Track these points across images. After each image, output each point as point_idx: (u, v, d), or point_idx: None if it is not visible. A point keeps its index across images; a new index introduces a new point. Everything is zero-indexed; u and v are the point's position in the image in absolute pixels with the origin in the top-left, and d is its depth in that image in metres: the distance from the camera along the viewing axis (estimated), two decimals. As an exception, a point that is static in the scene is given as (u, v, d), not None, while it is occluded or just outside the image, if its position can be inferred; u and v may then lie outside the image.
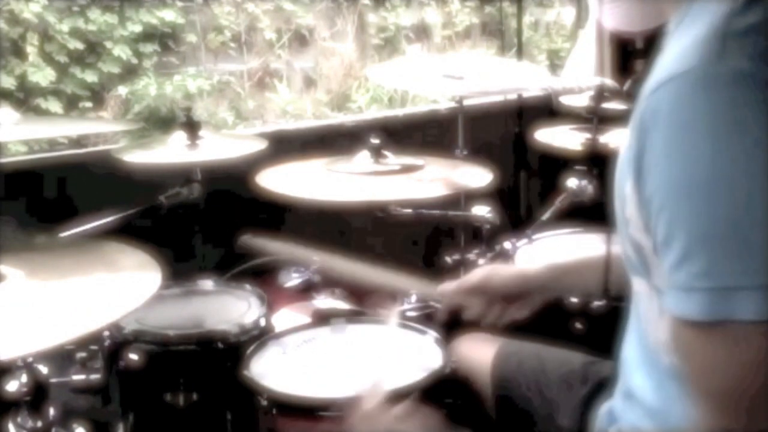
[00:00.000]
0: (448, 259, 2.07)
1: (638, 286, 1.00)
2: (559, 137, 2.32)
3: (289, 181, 1.79)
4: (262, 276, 2.00)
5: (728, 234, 0.78)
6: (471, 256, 2.03)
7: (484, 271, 1.41)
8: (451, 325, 1.54)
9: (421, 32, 6.03)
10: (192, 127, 1.92)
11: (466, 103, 2.19)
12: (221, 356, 1.62)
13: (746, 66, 0.81)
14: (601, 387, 1.23)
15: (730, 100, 0.80)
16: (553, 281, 1.40)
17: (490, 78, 2.11)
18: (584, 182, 2.04)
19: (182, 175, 1.95)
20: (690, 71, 0.82)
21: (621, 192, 0.93)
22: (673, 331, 0.86)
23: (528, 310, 1.40)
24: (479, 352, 1.46)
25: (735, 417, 0.81)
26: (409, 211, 1.95)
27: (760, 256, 0.77)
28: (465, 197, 1.98)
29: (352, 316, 1.66)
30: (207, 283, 1.90)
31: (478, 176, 1.84)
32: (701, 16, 0.88)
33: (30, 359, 1.31)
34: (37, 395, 1.32)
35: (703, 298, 0.80)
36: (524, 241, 2.05)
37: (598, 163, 2.07)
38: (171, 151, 1.91)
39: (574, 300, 1.74)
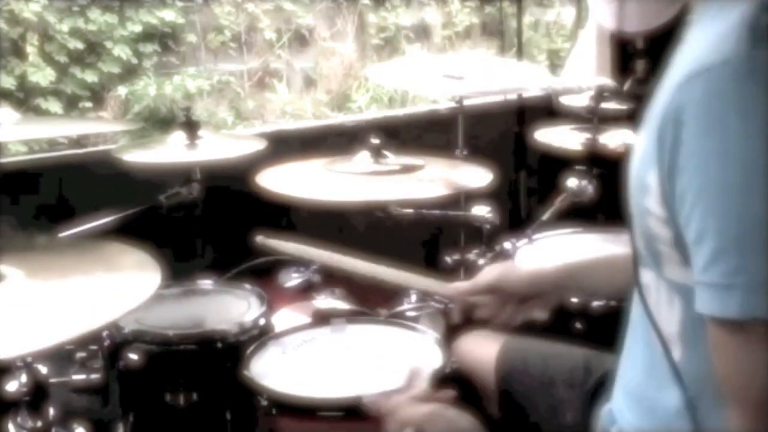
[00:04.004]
0: (448, 259, 2.07)
1: (645, 278, 0.99)
2: (559, 137, 2.32)
3: (289, 181, 1.79)
4: (262, 276, 2.00)
5: (764, 230, 0.77)
6: (471, 256, 2.03)
7: (497, 270, 1.37)
8: (453, 323, 1.54)
9: (421, 32, 6.03)
10: (191, 127, 1.92)
11: (466, 103, 2.19)
12: (221, 356, 1.62)
13: None
14: (604, 382, 1.22)
15: (764, 92, 0.78)
16: (569, 280, 1.36)
17: (490, 78, 2.11)
18: (584, 182, 2.04)
19: (182, 175, 1.95)
20: (721, 63, 0.81)
21: (641, 182, 0.90)
22: (709, 331, 0.84)
23: (546, 312, 1.36)
24: (483, 349, 1.45)
25: None
26: (409, 211, 1.95)
27: None
28: (465, 197, 1.98)
29: (352, 316, 1.66)
30: (207, 283, 1.90)
31: (478, 176, 1.84)
32: (727, 9, 0.86)
33: (30, 359, 1.31)
34: (37, 395, 1.32)
35: (739, 295, 0.78)
36: (524, 241, 2.05)
37: (598, 163, 2.07)
38: (170, 151, 1.90)
39: (574, 300, 1.73)
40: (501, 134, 2.62)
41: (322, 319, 1.68)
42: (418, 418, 1.07)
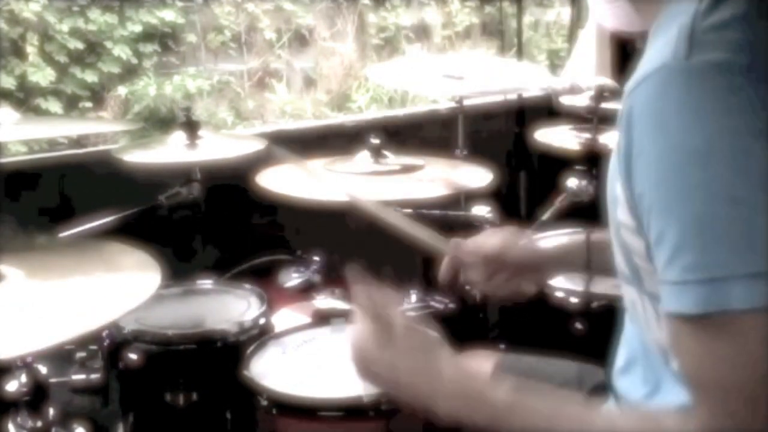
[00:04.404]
0: (448, 259, 2.07)
1: (629, 295, 1.00)
2: (559, 137, 2.32)
3: (289, 181, 1.79)
4: (262, 276, 2.00)
5: (717, 224, 0.78)
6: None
7: (501, 237, 1.35)
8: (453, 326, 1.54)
9: (421, 32, 6.03)
10: (192, 127, 1.92)
11: (466, 103, 2.19)
12: (221, 356, 1.62)
13: (718, 57, 0.81)
14: (595, 392, 1.23)
15: (702, 92, 0.80)
16: (566, 259, 1.36)
17: (490, 78, 2.11)
18: (584, 182, 2.04)
19: (182, 174, 1.95)
20: (662, 67, 0.83)
21: (612, 194, 0.93)
22: (670, 328, 0.85)
23: (534, 287, 1.37)
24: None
25: (735, 412, 0.80)
26: (409, 211, 1.95)
27: (751, 243, 0.77)
28: (465, 197, 1.98)
29: (352, 316, 1.66)
30: (207, 283, 1.90)
31: (478, 176, 1.84)
32: (673, 19, 0.88)
33: (30, 359, 1.31)
34: (37, 395, 1.32)
35: (697, 291, 0.79)
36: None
37: (598, 163, 2.07)
38: (171, 151, 1.91)
39: (574, 300, 1.74)
40: (501, 134, 2.62)
41: (322, 319, 1.68)
42: (391, 327, 1.04)
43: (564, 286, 1.77)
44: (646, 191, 0.84)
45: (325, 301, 1.87)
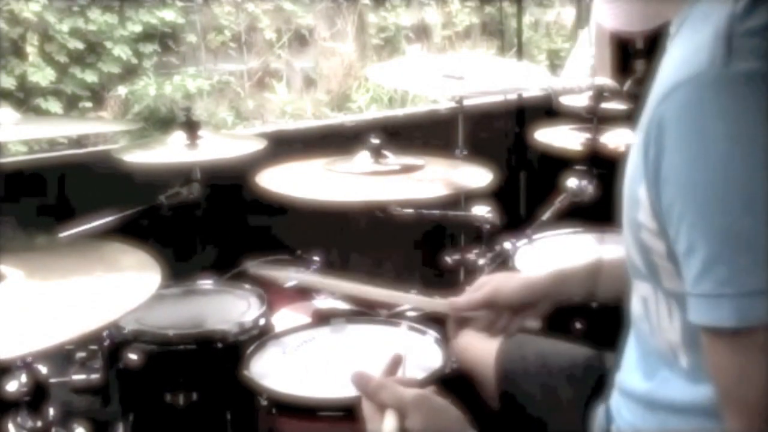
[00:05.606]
0: (448, 259, 2.07)
1: (642, 290, 1.00)
2: (559, 137, 2.32)
3: (289, 181, 1.79)
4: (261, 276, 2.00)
5: (751, 238, 0.78)
6: (471, 256, 2.03)
7: (490, 283, 1.37)
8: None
9: (421, 32, 6.03)
10: (192, 127, 1.92)
11: (466, 103, 2.19)
12: (221, 356, 1.62)
13: (755, 66, 0.80)
14: (603, 381, 1.22)
15: (741, 103, 0.79)
16: (559, 288, 1.37)
17: (490, 78, 2.11)
18: (584, 182, 2.04)
19: (182, 175, 1.95)
20: (698, 75, 0.81)
21: (633, 196, 0.91)
22: (703, 341, 0.85)
23: (539, 320, 1.37)
24: (482, 347, 1.45)
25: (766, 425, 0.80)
26: (409, 211, 1.95)
27: None
28: (465, 197, 1.98)
29: (352, 316, 1.66)
30: (207, 283, 1.90)
31: (478, 176, 1.84)
32: (704, 20, 0.87)
33: (30, 359, 1.31)
34: (37, 395, 1.32)
35: (732, 305, 0.79)
36: (524, 241, 2.05)
37: (598, 163, 2.07)
38: (171, 151, 1.90)
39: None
40: (501, 134, 2.62)
41: (322, 319, 1.68)
42: (401, 401, 1.00)
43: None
44: (678, 201, 0.82)
45: (325, 301, 1.87)
